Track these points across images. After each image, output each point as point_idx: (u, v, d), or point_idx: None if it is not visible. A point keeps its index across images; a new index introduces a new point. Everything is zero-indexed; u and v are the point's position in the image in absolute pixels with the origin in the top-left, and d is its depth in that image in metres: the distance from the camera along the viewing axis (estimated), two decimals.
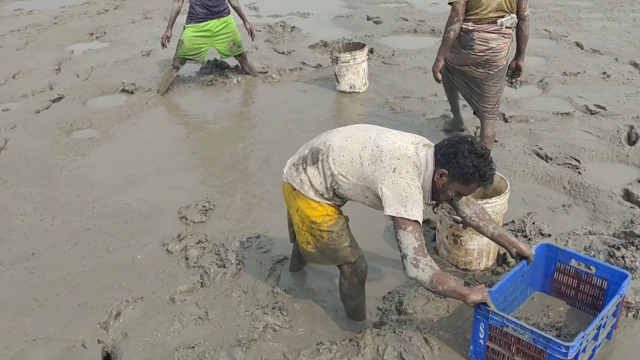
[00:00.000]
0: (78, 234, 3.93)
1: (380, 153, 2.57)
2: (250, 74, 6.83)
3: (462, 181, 2.55)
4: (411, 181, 2.51)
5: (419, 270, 2.50)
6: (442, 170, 2.56)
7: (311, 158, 2.74)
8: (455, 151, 2.53)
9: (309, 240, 2.85)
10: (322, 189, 2.73)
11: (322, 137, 2.82)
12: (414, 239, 2.49)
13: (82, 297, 3.34)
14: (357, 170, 2.61)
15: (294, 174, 2.79)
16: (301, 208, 2.79)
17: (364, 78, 6.30)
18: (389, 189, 2.50)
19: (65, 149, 5.18)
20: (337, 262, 2.91)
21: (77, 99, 6.30)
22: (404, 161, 2.55)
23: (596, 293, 3.01)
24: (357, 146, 2.64)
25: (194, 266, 3.57)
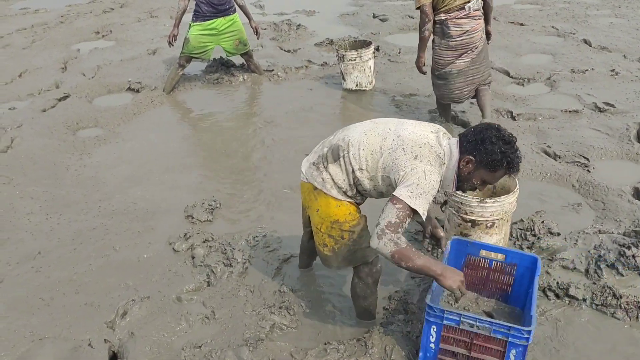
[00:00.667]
0: (84, 233, 3.93)
1: (402, 142, 2.53)
2: (256, 72, 6.81)
3: (489, 168, 2.52)
4: (429, 173, 2.45)
5: (380, 242, 2.40)
6: (468, 157, 2.53)
7: (332, 155, 2.70)
8: (482, 137, 2.50)
9: (327, 242, 2.81)
10: (345, 186, 2.69)
11: (339, 134, 2.77)
12: (395, 216, 2.39)
13: (88, 297, 3.33)
14: (377, 160, 2.57)
15: (315, 173, 2.74)
16: (323, 207, 2.74)
17: (370, 76, 6.27)
18: (405, 175, 2.45)
19: (72, 148, 5.17)
20: (354, 264, 2.86)
21: (83, 97, 6.30)
22: (426, 149, 2.51)
23: (506, 279, 3.09)
24: (378, 139, 2.60)
25: (201, 265, 3.55)
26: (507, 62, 6.82)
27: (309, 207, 2.85)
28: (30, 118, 5.76)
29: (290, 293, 3.31)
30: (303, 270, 3.52)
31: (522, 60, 6.95)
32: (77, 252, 3.74)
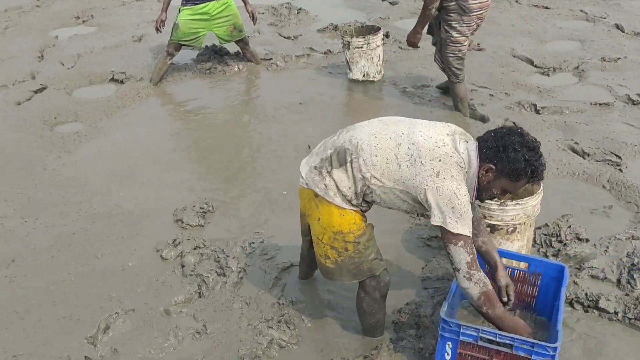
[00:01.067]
0: (63, 239, 3.94)
1: (418, 152, 2.54)
2: (253, 61, 6.81)
3: (511, 177, 2.54)
4: (457, 189, 2.48)
5: (471, 283, 2.55)
6: (488, 165, 2.54)
7: (337, 159, 2.68)
8: (504, 144, 2.51)
9: (329, 254, 2.80)
10: (350, 194, 2.68)
11: (344, 134, 2.76)
12: (466, 253, 2.52)
13: (67, 309, 3.34)
14: (394, 172, 2.57)
15: (317, 179, 2.73)
16: (324, 216, 2.74)
17: (378, 65, 6.26)
18: (433, 196, 2.49)
19: (49, 145, 5.19)
20: (359, 278, 2.85)
21: (61, 89, 6.31)
22: (446, 163, 2.51)
23: (529, 291, 3.10)
24: (391, 143, 2.59)
25: (191, 274, 3.56)
26: (531, 50, 6.82)
27: (309, 216, 2.85)
28: (3, 111, 5.78)
29: (291, 305, 3.32)
30: (304, 281, 3.52)
31: (547, 47, 6.94)
32: (55, 259, 3.75)
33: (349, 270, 2.82)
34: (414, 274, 3.57)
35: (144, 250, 3.81)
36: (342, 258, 2.79)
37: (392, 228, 3.92)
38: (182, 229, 4.01)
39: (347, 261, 2.79)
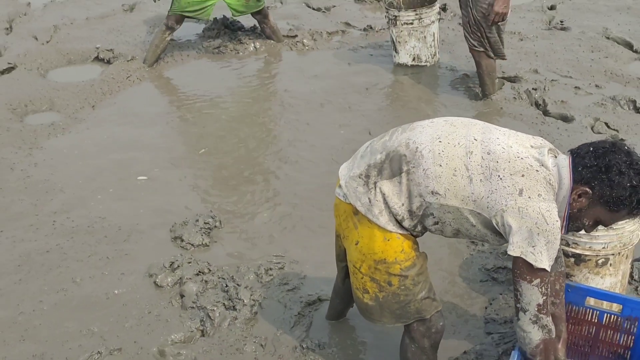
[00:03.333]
0: (34, 258, 4.02)
1: (495, 165, 2.52)
2: (273, 39, 6.88)
3: (610, 206, 2.50)
4: (546, 211, 2.46)
5: (535, 328, 2.58)
6: (583, 188, 2.50)
7: (389, 168, 2.66)
8: (608, 164, 2.47)
9: (367, 287, 2.80)
10: (402, 213, 2.67)
11: (399, 135, 2.74)
12: (540, 295, 2.54)
13: (37, 346, 3.41)
14: (464, 188, 2.55)
15: (360, 190, 2.71)
16: (364, 240, 2.73)
17: (432, 46, 6.29)
18: (514, 219, 2.47)
19: (18, 140, 5.31)
20: (404, 321, 2.85)
21: (34, 69, 6.45)
22: (531, 179, 2.49)
23: (623, 340, 3.06)
24: (459, 151, 2.58)
25: (192, 307, 3.61)
26: (630, 31, 6.78)
27: (346, 237, 2.84)
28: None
29: (317, 350, 3.34)
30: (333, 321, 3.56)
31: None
32: (24, 283, 3.83)
33: (392, 310, 2.82)
34: (474, 315, 3.57)
35: (134, 275, 3.87)
36: (383, 294, 2.78)
37: (447, 255, 3.93)
38: (182, 249, 4.07)
39: (390, 298, 2.79)
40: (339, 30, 7.13)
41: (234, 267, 3.91)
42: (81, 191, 4.68)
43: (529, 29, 6.93)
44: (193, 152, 5.17)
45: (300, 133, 5.33)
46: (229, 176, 4.84)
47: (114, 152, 5.16)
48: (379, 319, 2.87)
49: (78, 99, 5.93)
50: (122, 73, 6.34)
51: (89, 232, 4.25)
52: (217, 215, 4.33)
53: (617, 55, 6.33)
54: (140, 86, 6.23)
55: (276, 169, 4.91)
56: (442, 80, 6.09)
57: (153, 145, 5.27)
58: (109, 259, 4.02)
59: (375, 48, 6.72)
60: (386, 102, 5.85)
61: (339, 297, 3.44)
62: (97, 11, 7.86)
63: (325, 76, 6.22)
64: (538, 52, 6.43)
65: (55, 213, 4.44)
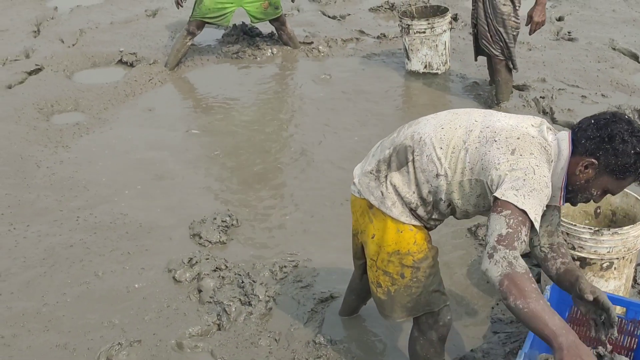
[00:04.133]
0: (58, 252, 4.05)
1: (492, 134, 2.53)
2: (290, 45, 6.90)
3: (617, 174, 2.49)
4: (537, 166, 2.42)
5: (490, 262, 2.31)
6: (589, 159, 2.49)
7: (397, 160, 2.68)
8: (610, 133, 2.46)
9: (380, 280, 2.81)
10: (415, 201, 2.67)
11: (405, 129, 2.77)
12: (505, 225, 2.33)
13: (61, 336, 3.43)
14: (461, 159, 2.55)
15: (372, 185, 2.74)
16: (379, 233, 2.74)
17: (444, 55, 6.28)
18: (502, 172, 2.42)
19: (44, 138, 5.34)
20: (414, 314, 2.85)
21: (60, 71, 6.49)
22: (526, 141, 2.49)
23: (626, 342, 3.02)
24: (460, 132, 2.59)
25: (210, 302, 3.62)
26: (636, 42, 6.75)
27: (363, 232, 2.86)
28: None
29: (329, 345, 3.34)
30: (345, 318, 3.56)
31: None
32: (48, 276, 3.85)
33: (403, 304, 2.82)
34: (481, 314, 3.56)
35: (154, 270, 3.89)
36: (395, 287, 2.79)
37: (455, 256, 3.92)
38: (200, 246, 4.09)
39: (401, 291, 2.79)
40: (354, 37, 7.14)
41: (249, 264, 3.92)
42: (104, 188, 4.70)
43: (537, 39, 6.90)
44: (211, 153, 5.19)
45: (315, 136, 5.34)
46: (246, 176, 4.86)
47: (136, 151, 5.19)
48: (390, 314, 2.87)
49: (102, 100, 5.96)
50: (144, 76, 6.37)
51: (111, 227, 4.27)
52: (234, 214, 4.34)
53: (623, 66, 6.30)
54: (162, 89, 6.25)
55: (292, 170, 4.92)
56: (453, 87, 6.08)
57: (173, 145, 5.29)
58: (130, 254, 4.03)
59: (388, 55, 6.73)
60: (398, 107, 5.85)
61: (355, 294, 3.44)
62: (121, 16, 7.90)
63: (340, 82, 6.23)
64: (546, 61, 6.42)
65: (79, 209, 4.47)
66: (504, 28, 5.32)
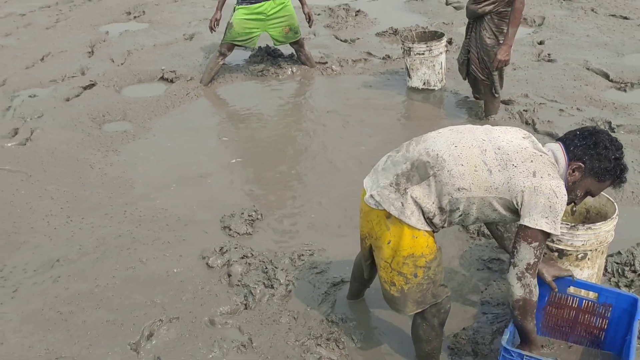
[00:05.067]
0: (108, 241, 4.07)
1: (507, 157, 2.58)
2: (307, 65, 6.91)
3: (599, 177, 2.62)
4: (557, 187, 2.53)
5: (519, 284, 2.59)
6: (577, 163, 2.61)
7: (417, 174, 2.65)
8: (595, 141, 2.59)
9: (395, 280, 2.78)
10: (434, 210, 2.65)
11: (415, 146, 2.74)
12: (533, 256, 2.56)
13: (110, 313, 3.45)
14: (486, 179, 2.58)
15: (393, 197, 2.68)
16: (395, 239, 2.71)
17: (440, 73, 6.26)
18: (530, 196, 2.52)
19: (97, 143, 5.37)
20: (423, 307, 2.83)
21: (110, 86, 6.52)
22: (539, 162, 2.56)
23: (598, 323, 3.06)
24: (475, 151, 2.62)
25: (238, 284, 3.63)
26: (607, 63, 6.70)
27: (378, 239, 2.79)
28: (52, 107, 6.01)
29: (340, 323, 3.35)
30: (354, 300, 3.56)
31: (625, 60, 6.81)
32: (100, 262, 3.88)
33: (415, 299, 2.80)
34: (471, 298, 3.55)
35: (190, 257, 3.90)
36: (409, 286, 2.76)
37: (449, 248, 3.91)
38: (230, 237, 4.09)
39: (414, 289, 2.77)
40: (362, 58, 7.13)
41: (272, 252, 3.92)
42: (148, 187, 4.72)
43: (521, 60, 6.87)
44: (238, 158, 5.19)
45: (329, 144, 5.33)
46: (269, 179, 4.86)
47: (175, 155, 5.20)
48: (402, 309, 2.85)
49: (146, 111, 5.98)
50: (182, 91, 6.39)
51: (154, 220, 4.29)
52: (259, 210, 4.35)
53: (596, 84, 6.25)
54: (197, 102, 6.27)
55: (309, 174, 4.92)
56: (448, 102, 6.06)
57: (206, 151, 5.30)
58: (170, 243, 4.05)
59: (391, 74, 6.71)
60: (401, 119, 5.83)
61: (357, 281, 3.45)
62: (163, 39, 7.93)
63: (350, 96, 6.22)
64: (529, 79, 6.38)
65: (127, 204, 4.49)
66: (488, 58, 5.28)
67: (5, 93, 6.38)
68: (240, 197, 4.57)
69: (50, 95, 6.31)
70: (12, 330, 3.33)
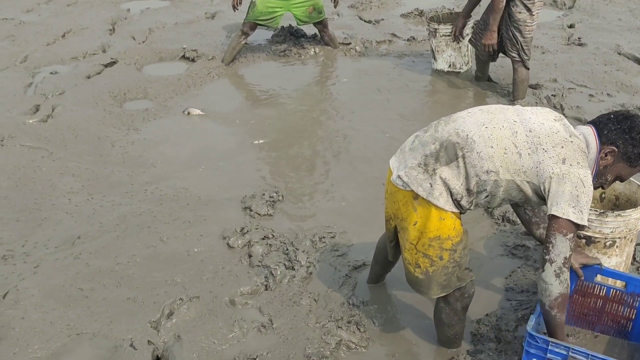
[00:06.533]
0: (129, 219, 4.10)
1: (538, 140, 2.56)
2: (331, 45, 6.87)
3: (631, 161, 2.60)
4: (585, 177, 2.51)
5: (557, 281, 2.54)
6: (610, 147, 2.58)
7: (446, 155, 2.63)
8: (630, 126, 2.57)
9: (420, 262, 2.77)
10: (461, 192, 2.64)
11: (444, 127, 2.71)
12: (569, 249, 2.52)
13: (131, 291, 3.49)
14: (515, 162, 2.56)
15: (421, 177, 2.66)
16: (422, 220, 2.69)
17: (466, 56, 6.21)
18: (558, 184, 2.50)
19: (118, 121, 5.40)
20: (447, 291, 2.82)
21: (132, 64, 6.55)
22: (570, 149, 2.54)
23: (626, 312, 3.04)
24: (506, 132, 2.59)
25: (258, 265, 3.65)
26: (639, 48, 6.60)
27: (404, 219, 2.78)
28: (73, 85, 6.05)
29: (361, 306, 3.36)
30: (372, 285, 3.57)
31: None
32: (121, 239, 3.92)
33: (440, 282, 2.79)
34: (495, 285, 3.55)
35: (211, 237, 3.93)
36: (434, 268, 2.76)
37: (474, 234, 3.89)
38: (251, 218, 4.11)
39: (439, 271, 2.76)
40: (387, 39, 7.09)
41: (293, 234, 3.93)
42: (169, 166, 4.75)
43: (550, 44, 6.79)
44: (262, 138, 5.18)
45: (353, 127, 5.32)
46: (290, 159, 4.86)
47: (196, 135, 5.22)
48: (426, 291, 2.85)
49: (167, 90, 6.00)
50: (204, 70, 6.40)
51: (174, 199, 4.32)
52: (280, 191, 4.36)
53: (627, 69, 6.17)
54: (219, 81, 6.27)
55: (331, 156, 4.90)
56: (474, 85, 6.01)
57: (228, 131, 5.31)
58: (190, 222, 4.07)
59: (416, 56, 6.67)
60: (426, 101, 5.80)
61: (379, 265, 3.45)
62: (184, 18, 7.93)
63: (374, 78, 6.19)
64: (557, 64, 6.31)
65: (147, 183, 4.52)
66: (520, 33, 5.25)
67: (27, 69, 6.43)
68: (261, 179, 4.59)
69: (72, 72, 6.35)
70: (33, 305, 3.38)
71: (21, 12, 8.19)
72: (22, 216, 4.14)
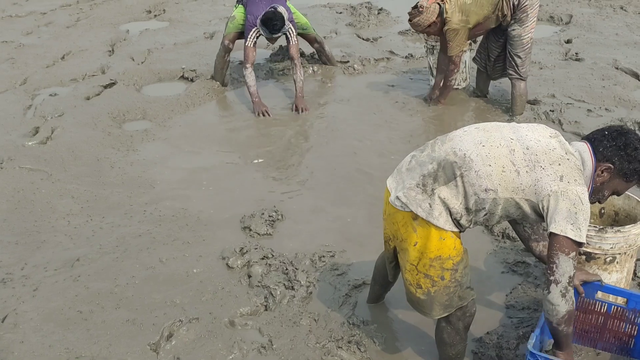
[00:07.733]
0: (128, 240, 4.10)
1: (535, 157, 2.56)
2: (329, 64, 6.91)
3: (627, 177, 2.62)
4: (582, 194, 2.51)
5: (563, 301, 2.54)
6: (607, 164, 2.60)
7: (444, 175, 2.63)
8: (625, 142, 2.58)
9: (421, 282, 2.76)
10: (461, 211, 2.64)
11: (441, 146, 2.72)
12: (572, 267, 2.52)
13: (130, 313, 3.48)
14: (513, 180, 2.56)
15: (420, 198, 2.65)
16: (422, 241, 2.68)
17: (464, 72, 6.23)
18: (556, 202, 2.50)
19: (117, 142, 5.41)
20: (450, 310, 2.80)
21: (131, 85, 6.58)
22: (566, 166, 2.55)
23: (627, 329, 3.03)
24: (503, 150, 2.60)
25: (258, 286, 3.64)
26: (636, 62, 6.63)
27: (403, 240, 2.77)
28: (72, 106, 6.07)
29: (361, 326, 3.35)
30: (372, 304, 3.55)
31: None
32: (120, 261, 3.91)
33: (441, 302, 2.78)
34: (496, 302, 3.53)
35: (210, 257, 3.92)
36: (435, 288, 2.75)
37: (473, 250, 3.87)
38: (250, 237, 4.11)
39: (441, 291, 2.75)
40: (385, 57, 7.13)
41: (293, 253, 3.93)
42: (167, 186, 4.76)
43: (548, 59, 6.82)
44: (261, 158, 5.19)
45: (351, 146, 5.33)
46: (290, 178, 4.88)
47: (195, 156, 5.24)
48: (428, 312, 2.84)
49: (166, 110, 6.02)
50: (202, 90, 6.42)
51: (173, 220, 4.32)
52: (280, 211, 4.36)
53: (625, 84, 6.19)
54: (218, 100, 6.31)
55: (330, 175, 4.91)
56: (472, 101, 6.03)
57: (227, 150, 5.33)
58: (190, 243, 4.07)
59: (414, 73, 6.70)
60: (423, 118, 5.81)
61: (378, 284, 3.45)
62: (183, 38, 7.99)
63: (373, 96, 6.22)
64: (555, 79, 6.33)
65: (146, 204, 4.52)
66: (517, 50, 5.31)
67: (27, 92, 6.46)
68: (260, 198, 4.58)
69: (71, 94, 6.38)
70: (32, 329, 3.37)
71: (21, 34, 8.27)
72: (21, 239, 4.14)
